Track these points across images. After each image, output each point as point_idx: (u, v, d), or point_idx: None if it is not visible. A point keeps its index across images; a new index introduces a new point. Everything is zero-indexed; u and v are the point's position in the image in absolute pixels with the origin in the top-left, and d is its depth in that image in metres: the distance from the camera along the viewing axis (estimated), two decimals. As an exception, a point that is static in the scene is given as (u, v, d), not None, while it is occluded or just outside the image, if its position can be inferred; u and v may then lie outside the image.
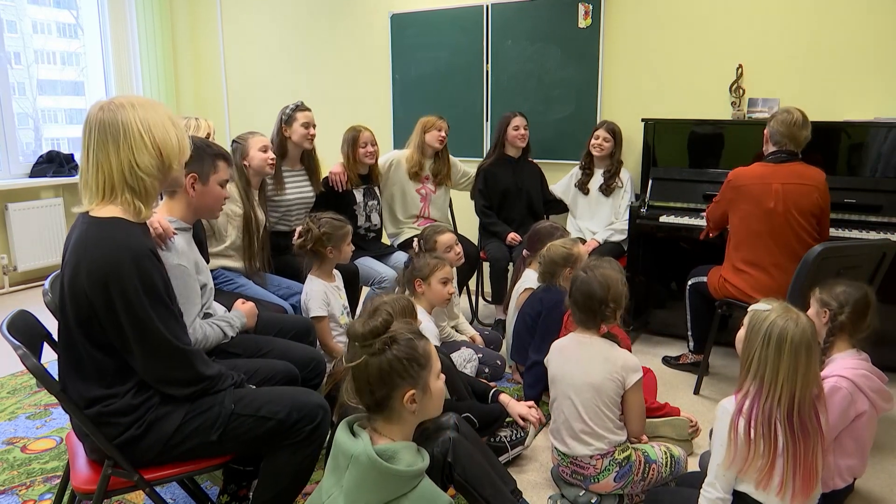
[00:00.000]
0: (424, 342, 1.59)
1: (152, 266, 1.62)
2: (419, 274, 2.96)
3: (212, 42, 5.70)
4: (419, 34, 4.79)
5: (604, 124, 4.01)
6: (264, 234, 3.21)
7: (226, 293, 2.88)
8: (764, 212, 2.93)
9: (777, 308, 1.76)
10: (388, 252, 3.88)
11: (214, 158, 2.18)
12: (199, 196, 2.17)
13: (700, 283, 3.30)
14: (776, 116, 3.01)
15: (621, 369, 2.20)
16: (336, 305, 2.97)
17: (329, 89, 5.25)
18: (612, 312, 2.26)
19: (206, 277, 2.27)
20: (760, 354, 1.72)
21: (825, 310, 2.16)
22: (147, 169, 1.66)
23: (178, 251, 2.07)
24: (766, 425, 1.68)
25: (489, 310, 4.41)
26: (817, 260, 2.56)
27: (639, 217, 3.76)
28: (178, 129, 1.74)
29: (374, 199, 3.87)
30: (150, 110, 1.69)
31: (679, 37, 4.05)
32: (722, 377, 3.43)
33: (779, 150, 2.99)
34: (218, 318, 2.28)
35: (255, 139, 3.17)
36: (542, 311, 2.98)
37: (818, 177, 2.95)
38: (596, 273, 2.27)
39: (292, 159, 3.58)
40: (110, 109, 1.66)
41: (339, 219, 3.03)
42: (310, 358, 2.37)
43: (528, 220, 4.09)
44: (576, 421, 2.22)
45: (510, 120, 4.08)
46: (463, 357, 3.10)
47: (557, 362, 2.33)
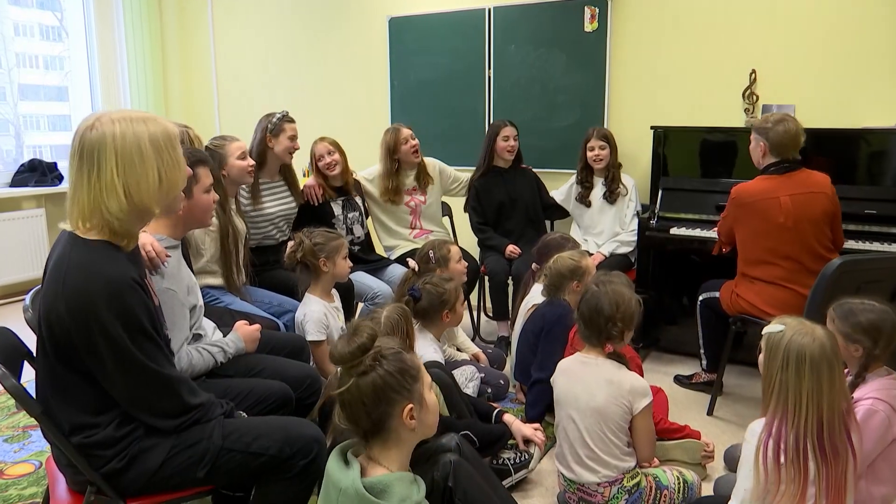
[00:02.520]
0: (411, 354, 1.59)
1: (134, 298, 1.58)
2: (448, 305, 2.92)
3: (202, 46, 5.72)
4: (418, 39, 4.81)
5: (594, 133, 3.99)
6: (246, 245, 3.17)
7: (214, 309, 2.84)
8: (774, 227, 2.92)
9: (791, 325, 1.75)
10: (382, 265, 3.88)
11: (193, 168, 2.15)
12: (188, 211, 2.15)
13: (712, 298, 3.29)
14: (773, 128, 2.96)
15: (628, 393, 2.18)
16: (335, 327, 2.96)
17: (325, 97, 5.26)
18: (618, 333, 2.24)
19: (196, 297, 2.25)
20: (781, 378, 1.71)
21: (857, 346, 2.03)
22: (116, 214, 1.59)
23: (167, 274, 2.05)
24: (795, 451, 1.67)
25: (491, 326, 4.40)
26: (836, 274, 2.55)
27: (648, 229, 3.76)
28: (168, 163, 1.64)
29: (354, 210, 3.86)
30: (134, 142, 1.58)
31: (689, 41, 4.07)
32: (737, 397, 3.41)
33: (781, 161, 2.98)
34: (210, 344, 2.26)
35: (231, 146, 3.08)
36: (545, 328, 2.97)
37: (824, 182, 2.95)
38: (608, 288, 2.25)
39: (271, 171, 3.55)
40: (93, 132, 1.58)
41: (332, 231, 3.06)
42: (304, 376, 2.36)
43: (529, 231, 4.10)
44: (581, 447, 2.21)
45: (499, 129, 4.07)
46: (464, 375, 3.08)
47: (562, 384, 2.31)
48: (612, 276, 2.35)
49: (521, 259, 3.86)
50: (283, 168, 3.61)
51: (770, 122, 3.00)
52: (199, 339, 2.31)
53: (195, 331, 2.27)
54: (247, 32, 5.53)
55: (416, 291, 2.92)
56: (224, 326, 2.51)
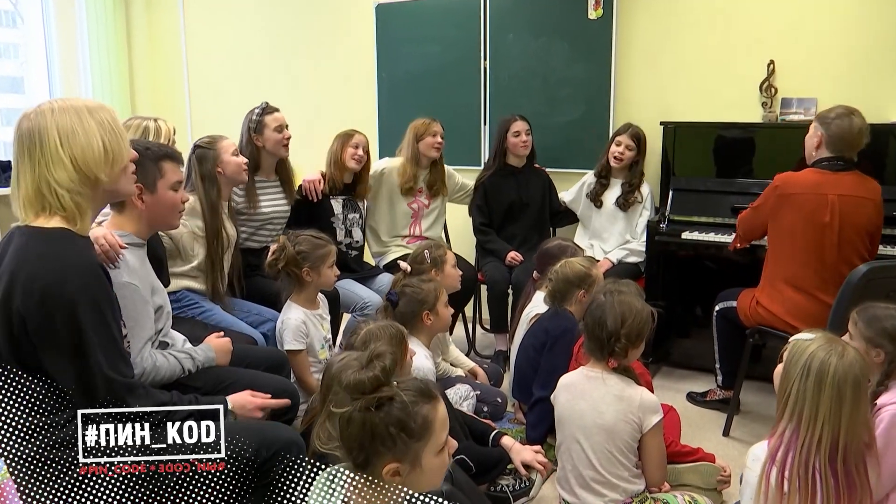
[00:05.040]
0: (430, 408, 1.50)
1: (99, 286, 1.63)
2: (426, 305, 2.89)
3: (172, 33, 5.71)
4: (408, 27, 4.81)
5: (627, 129, 3.98)
6: (236, 252, 3.19)
7: (188, 320, 2.86)
8: (817, 226, 2.90)
9: (820, 338, 1.76)
10: (372, 274, 3.87)
11: (158, 161, 2.18)
12: (150, 207, 2.17)
13: (729, 308, 3.30)
14: (834, 121, 2.96)
15: (638, 409, 2.19)
16: (316, 336, 2.96)
17: (306, 89, 5.26)
18: (622, 349, 2.23)
19: (162, 300, 2.26)
20: (798, 388, 1.71)
21: (879, 350, 2.08)
22: (65, 184, 1.66)
23: (128, 268, 2.06)
24: (802, 474, 1.66)
25: (488, 339, 4.40)
26: (862, 282, 2.56)
27: (658, 233, 3.77)
28: (110, 133, 1.73)
29: (355, 211, 3.87)
30: (75, 115, 1.69)
31: (702, 29, 4.09)
32: (755, 416, 3.42)
33: (836, 157, 2.96)
34: (177, 350, 2.26)
35: (224, 142, 3.12)
36: (548, 342, 2.97)
37: (875, 189, 2.95)
38: (615, 300, 2.24)
39: (266, 170, 3.56)
40: (32, 117, 1.67)
41: (320, 237, 3.02)
42: (281, 390, 2.34)
43: (533, 237, 4.10)
44: (586, 468, 2.21)
45: (509, 125, 4.08)
46: (458, 394, 3.09)
47: (565, 400, 2.32)
48: (621, 284, 2.36)
49: (523, 267, 3.86)
50: (280, 164, 3.61)
51: (834, 113, 2.99)
52: (166, 347, 2.31)
53: (163, 337, 2.27)
54: (220, 18, 5.51)
55: (394, 296, 2.92)
56: (195, 341, 2.51)
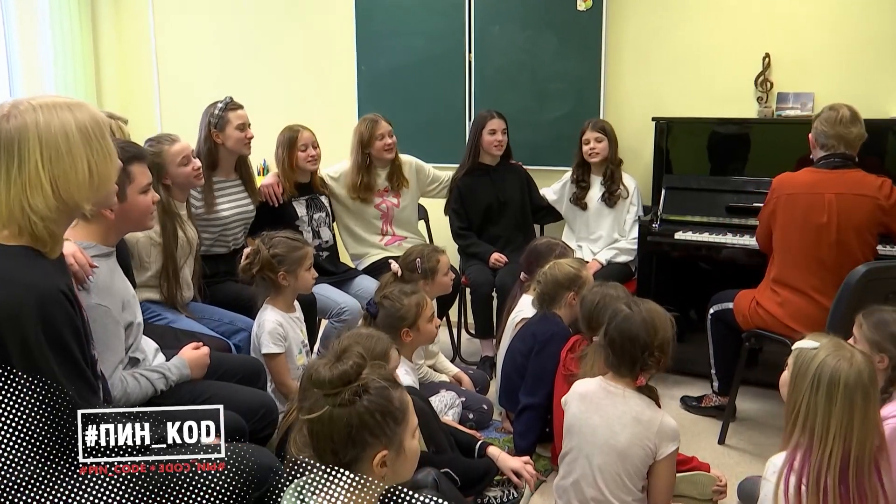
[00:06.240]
0: (401, 392, 1.55)
1: (61, 312, 1.56)
2: (406, 322, 2.84)
3: (141, 26, 5.66)
4: (389, 19, 4.79)
5: (590, 123, 4.00)
6: (198, 256, 3.16)
7: (157, 327, 2.83)
8: (813, 227, 2.92)
9: (826, 345, 1.76)
10: (349, 276, 3.86)
11: (125, 166, 2.10)
12: (120, 215, 2.14)
13: (725, 310, 3.31)
14: (818, 118, 3.01)
15: (655, 435, 2.17)
16: (294, 340, 2.95)
17: (281, 84, 5.23)
18: (655, 362, 2.20)
19: (132, 313, 2.23)
20: (809, 401, 1.72)
21: (883, 355, 2.10)
22: (41, 213, 1.58)
23: (97, 287, 2.02)
24: (815, 488, 1.67)
25: (474, 345, 4.39)
26: (862, 282, 2.58)
27: (650, 233, 3.78)
28: (97, 152, 1.64)
29: (321, 210, 3.85)
30: (58, 129, 1.58)
31: (696, 21, 4.10)
32: (752, 423, 3.43)
33: (830, 155, 2.97)
34: (149, 369, 2.23)
35: (171, 150, 2.97)
36: (535, 347, 2.97)
37: (877, 185, 2.93)
38: (641, 308, 2.21)
39: (226, 169, 3.52)
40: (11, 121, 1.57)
41: (296, 238, 3.01)
42: (259, 404, 2.34)
43: (517, 236, 4.10)
44: (589, 486, 2.20)
45: (485, 122, 4.07)
46: (443, 402, 3.08)
47: (577, 410, 2.28)
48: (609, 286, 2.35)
49: (508, 269, 3.85)
50: (239, 163, 3.57)
51: (820, 112, 3.03)
52: (137, 363, 2.28)
53: (132, 353, 2.24)
54: (192, 8, 5.48)
55: (373, 307, 2.88)
56: (168, 349, 2.49)
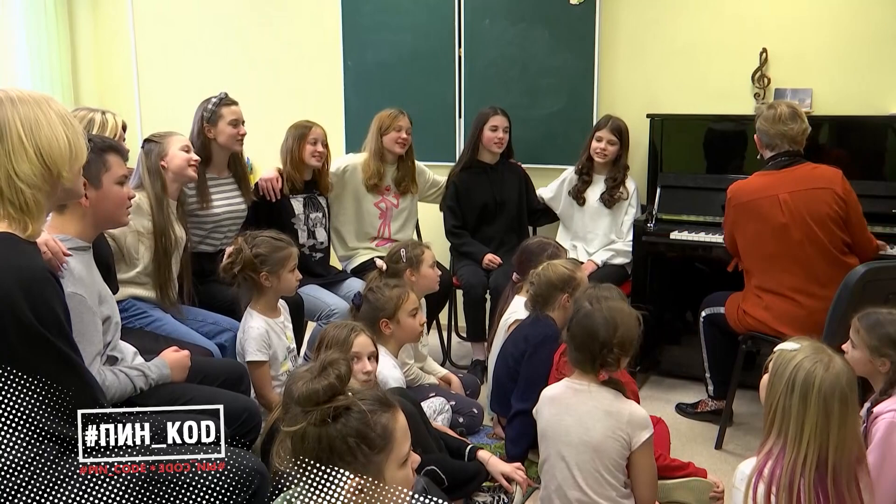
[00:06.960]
0: (389, 417, 1.52)
1: (52, 292, 1.62)
2: (384, 313, 2.89)
3: (120, 17, 5.63)
4: (377, 13, 4.78)
5: (608, 122, 3.98)
6: (185, 256, 3.16)
7: (136, 331, 2.83)
8: (775, 229, 2.97)
9: (805, 348, 1.77)
10: (338, 279, 3.85)
11: (102, 154, 2.18)
12: (95, 204, 2.16)
13: (716, 314, 3.32)
14: (759, 119, 3.09)
15: (627, 425, 2.19)
16: (279, 347, 2.94)
17: (266, 80, 5.21)
18: (614, 359, 2.23)
19: (110, 309, 2.23)
20: (784, 404, 1.73)
21: (884, 360, 2.10)
22: (28, 179, 1.66)
23: (72, 276, 2.03)
24: (787, 493, 1.67)
25: (465, 348, 4.39)
26: (860, 283, 2.59)
27: (645, 233, 3.78)
28: (70, 128, 1.75)
29: (318, 210, 3.85)
30: (35, 107, 1.70)
31: (691, 16, 4.10)
32: (749, 428, 3.44)
33: (777, 154, 3.05)
34: (129, 366, 2.23)
35: (174, 137, 3.14)
36: (528, 350, 2.97)
37: (832, 176, 2.99)
38: (602, 306, 2.23)
39: (218, 165, 3.54)
40: None
41: (280, 238, 3.00)
42: (241, 409, 2.33)
43: (511, 238, 4.10)
44: (571, 488, 2.20)
45: (488, 118, 4.07)
46: (432, 408, 3.07)
47: (549, 414, 2.30)
48: (603, 289, 2.35)
49: (501, 270, 3.85)
50: (232, 160, 3.59)
51: (760, 110, 3.10)
52: (115, 362, 2.28)
53: (111, 352, 2.25)
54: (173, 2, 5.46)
55: (358, 299, 2.94)
56: (147, 353, 2.49)
